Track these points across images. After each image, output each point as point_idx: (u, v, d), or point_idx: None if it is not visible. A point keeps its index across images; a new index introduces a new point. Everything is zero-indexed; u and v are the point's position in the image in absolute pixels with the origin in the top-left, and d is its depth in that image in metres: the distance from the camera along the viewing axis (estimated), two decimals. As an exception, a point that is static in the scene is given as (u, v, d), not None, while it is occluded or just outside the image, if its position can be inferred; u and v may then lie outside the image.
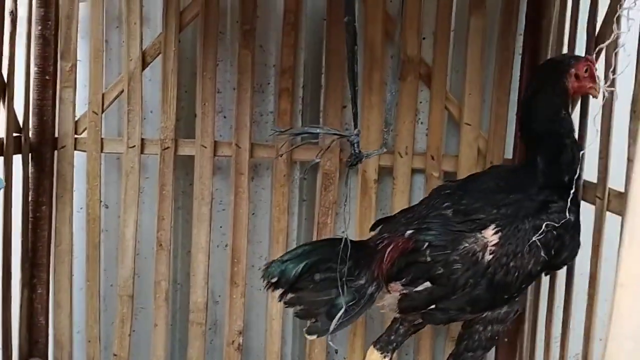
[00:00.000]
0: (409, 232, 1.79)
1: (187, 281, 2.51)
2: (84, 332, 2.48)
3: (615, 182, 1.75)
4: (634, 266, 0.65)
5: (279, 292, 1.71)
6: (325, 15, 2.36)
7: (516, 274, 1.73)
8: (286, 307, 1.77)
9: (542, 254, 1.73)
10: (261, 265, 2.53)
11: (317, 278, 1.71)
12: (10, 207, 2.18)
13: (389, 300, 1.83)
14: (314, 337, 1.77)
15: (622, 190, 1.71)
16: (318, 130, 1.59)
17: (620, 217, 1.64)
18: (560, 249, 1.77)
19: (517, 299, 1.82)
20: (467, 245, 1.72)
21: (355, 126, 1.48)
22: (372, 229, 1.97)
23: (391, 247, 1.77)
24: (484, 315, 1.80)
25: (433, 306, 1.77)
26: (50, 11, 2.28)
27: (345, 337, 2.49)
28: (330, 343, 2.12)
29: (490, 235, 1.73)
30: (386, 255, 1.76)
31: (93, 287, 2.44)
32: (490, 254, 1.71)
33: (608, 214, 1.78)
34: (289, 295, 1.72)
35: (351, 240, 1.73)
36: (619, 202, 1.72)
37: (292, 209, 2.49)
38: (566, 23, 2.09)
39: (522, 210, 1.75)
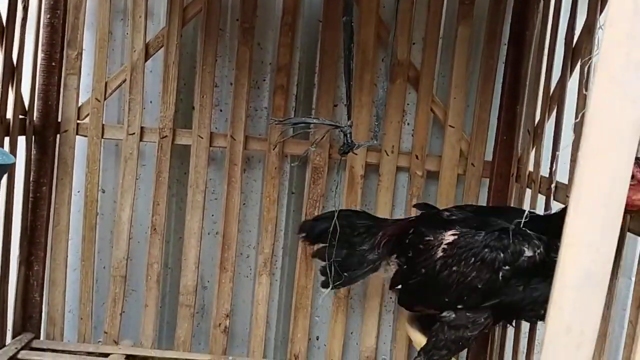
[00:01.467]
0: (413, 218, 2.10)
1: (177, 265, 2.61)
2: (77, 310, 2.58)
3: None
4: (577, 227, 0.78)
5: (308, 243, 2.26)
6: (321, 17, 2.49)
7: (457, 278, 1.83)
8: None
9: (486, 273, 1.79)
10: (250, 253, 2.68)
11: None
12: (13, 187, 2.28)
13: (388, 274, 2.09)
14: (327, 290, 2.17)
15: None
16: (314, 120, 1.71)
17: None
18: (509, 286, 1.80)
19: (462, 310, 1.85)
20: (431, 238, 1.92)
21: (349, 118, 1.61)
22: (416, 207, 2.24)
23: (398, 225, 2.04)
24: (441, 315, 1.90)
25: (400, 286, 2.02)
26: (59, 1, 2.39)
27: (327, 323, 2.61)
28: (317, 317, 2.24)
29: (448, 235, 1.89)
30: (391, 230, 2.03)
31: (87, 267, 2.53)
32: (442, 251, 1.88)
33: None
34: (315, 247, 2.24)
35: (370, 215, 2.25)
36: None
37: (281, 201, 2.61)
38: (547, 35, 2.23)
39: (488, 229, 1.84)
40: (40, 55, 2.38)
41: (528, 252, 1.76)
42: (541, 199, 2.14)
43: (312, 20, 2.56)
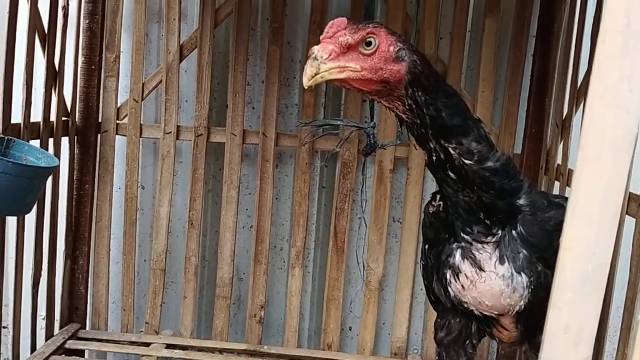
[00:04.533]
0: None
1: (214, 258, 2.71)
2: (119, 301, 2.70)
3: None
4: (575, 232, 0.83)
5: None
6: (349, 14, 2.52)
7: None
8: None
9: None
10: (283, 246, 2.75)
11: None
12: (58, 185, 2.41)
13: None
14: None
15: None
16: (339, 122, 1.76)
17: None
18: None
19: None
20: None
21: (372, 119, 1.65)
22: None
23: None
24: None
25: None
26: (97, 6, 2.49)
27: (359, 314, 2.67)
28: (351, 312, 2.29)
29: None
30: None
31: (129, 261, 2.65)
32: None
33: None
34: None
35: None
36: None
37: (312, 195, 2.68)
38: (574, 28, 2.23)
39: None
40: (80, 59, 2.50)
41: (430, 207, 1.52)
42: (569, 192, 2.15)
43: (340, 16, 2.59)
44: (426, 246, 1.52)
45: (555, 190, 2.27)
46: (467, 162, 1.25)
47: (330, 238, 2.60)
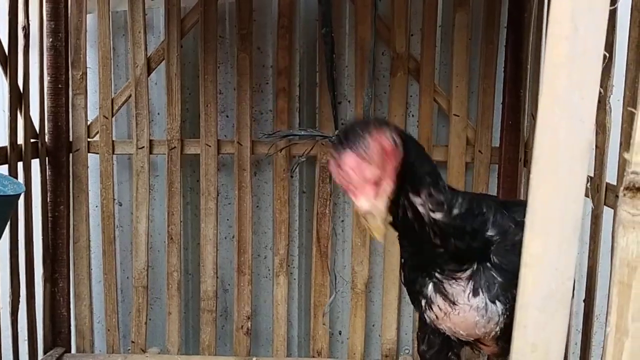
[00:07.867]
0: None
1: (197, 271, 2.67)
2: (104, 321, 2.66)
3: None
4: (535, 248, 0.79)
5: None
6: (317, 16, 2.48)
7: None
8: None
9: None
10: (267, 254, 2.71)
11: None
12: (31, 209, 2.36)
13: None
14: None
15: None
16: (302, 133, 1.72)
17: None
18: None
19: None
20: None
21: (336, 128, 1.61)
22: None
23: None
24: None
25: None
26: (60, 24, 2.44)
27: (347, 318, 2.64)
28: (324, 325, 2.27)
29: None
30: None
31: (110, 280, 2.61)
32: None
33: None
34: None
35: None
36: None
37: (292, 201, 2.63)
38: (544, 16, 2.20)
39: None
40: (46, 78, 2.44)
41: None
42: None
43: (309, 20, 2.56)
44: (402, 260, 1.50)
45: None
46: (437, 217, 1.23)
47: (313, 244, 2.57)
